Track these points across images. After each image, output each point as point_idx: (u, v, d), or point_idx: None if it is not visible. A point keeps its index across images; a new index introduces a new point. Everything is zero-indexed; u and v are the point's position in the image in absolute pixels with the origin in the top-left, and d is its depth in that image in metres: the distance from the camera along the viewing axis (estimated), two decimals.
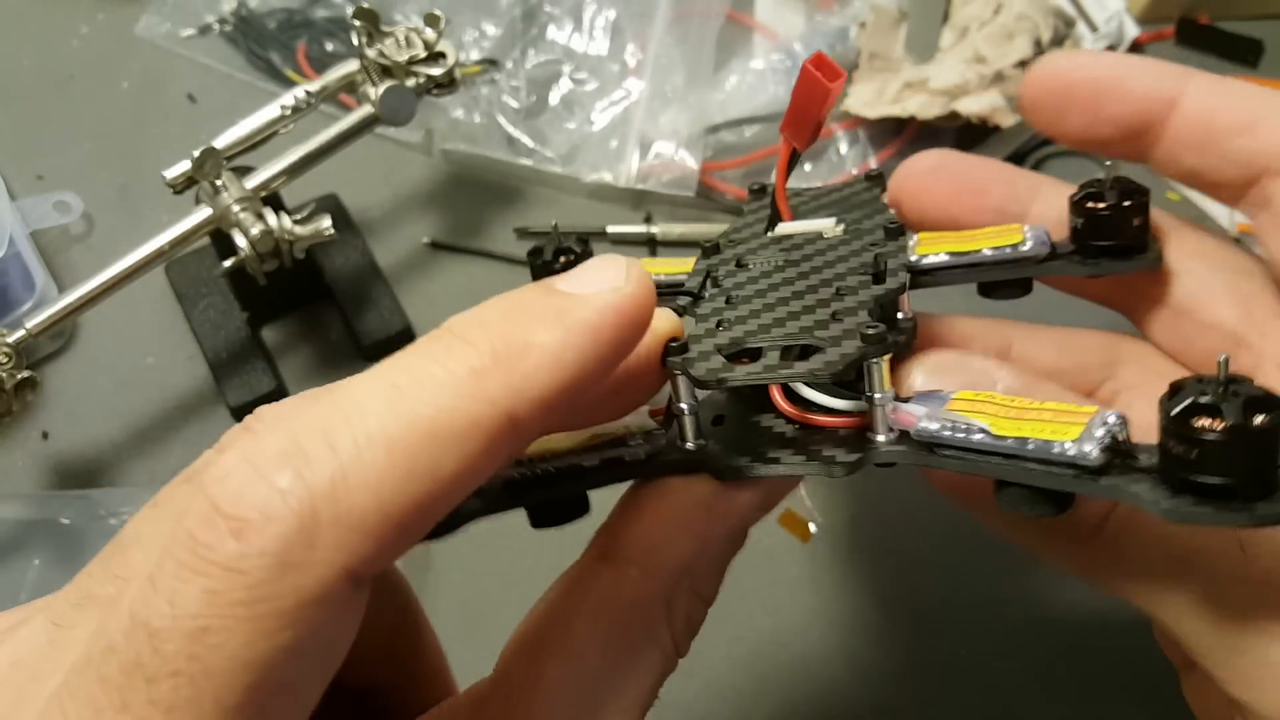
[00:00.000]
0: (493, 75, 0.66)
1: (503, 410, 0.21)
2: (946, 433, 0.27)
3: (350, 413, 0.21)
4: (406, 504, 0.20)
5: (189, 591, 0.19)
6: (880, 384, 0.28)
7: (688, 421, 0.29)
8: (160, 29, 0.70)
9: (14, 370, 0.47)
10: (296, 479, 0.20)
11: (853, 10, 0.69)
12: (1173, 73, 0.32)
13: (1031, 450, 0.26)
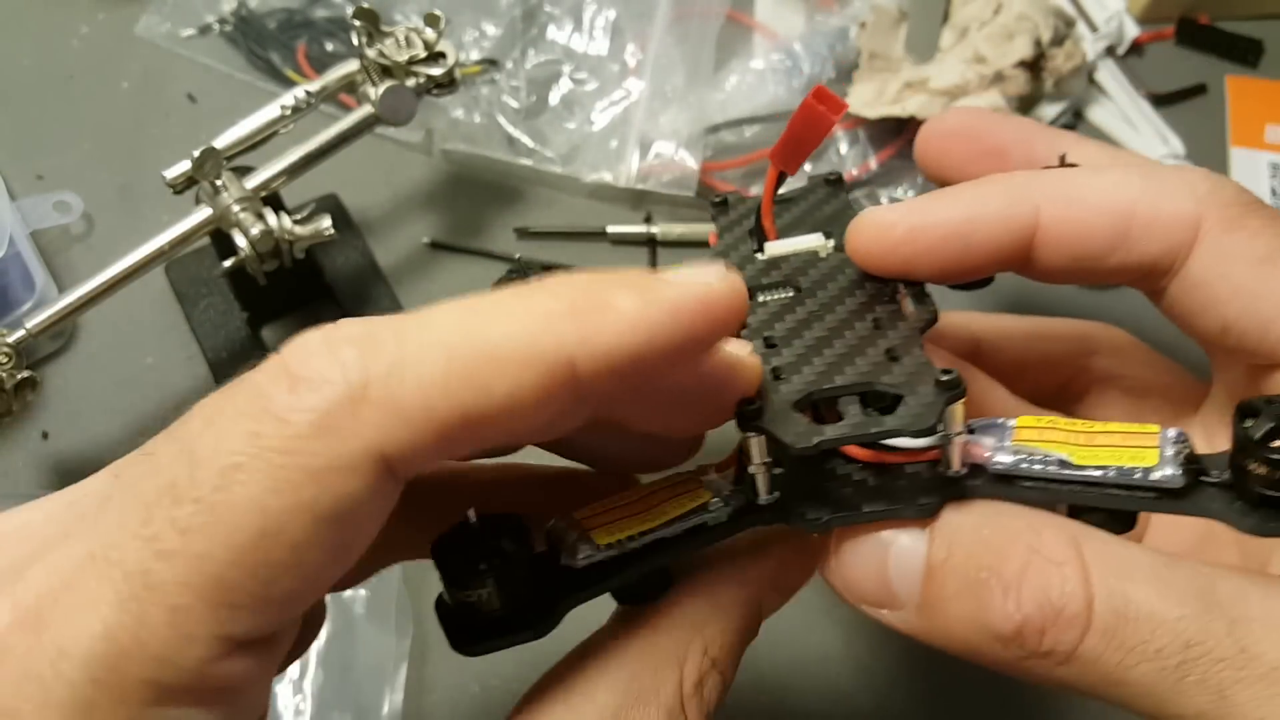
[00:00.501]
0: (493, 75, 0.66)
1: (566, 353, 0.23)
2: (1025, 465, 0.28)
3: (424, 321, 0.23)
4: (450, 409, 0.22)
5: (236, 430, 0.22)
6: (957, 424, 0.28)
7: (763, 478, 0.29)
8: (160, 29, 0.70)
9: (14, 370, 0.47)
10: (358, 357, 0.22)
11: (853, 10, 0.69)
12: (1020, 192, 0.31)
13: (1114, 477, 0.27)
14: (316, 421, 0.22)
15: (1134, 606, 0.25)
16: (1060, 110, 0.67)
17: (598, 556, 0.28)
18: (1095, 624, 0.25)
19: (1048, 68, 0.65)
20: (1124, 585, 0.26)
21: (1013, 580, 0.26)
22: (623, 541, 0.28)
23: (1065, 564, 0.26)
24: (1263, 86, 0.69)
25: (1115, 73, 0.69)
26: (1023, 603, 0.26)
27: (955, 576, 0.27)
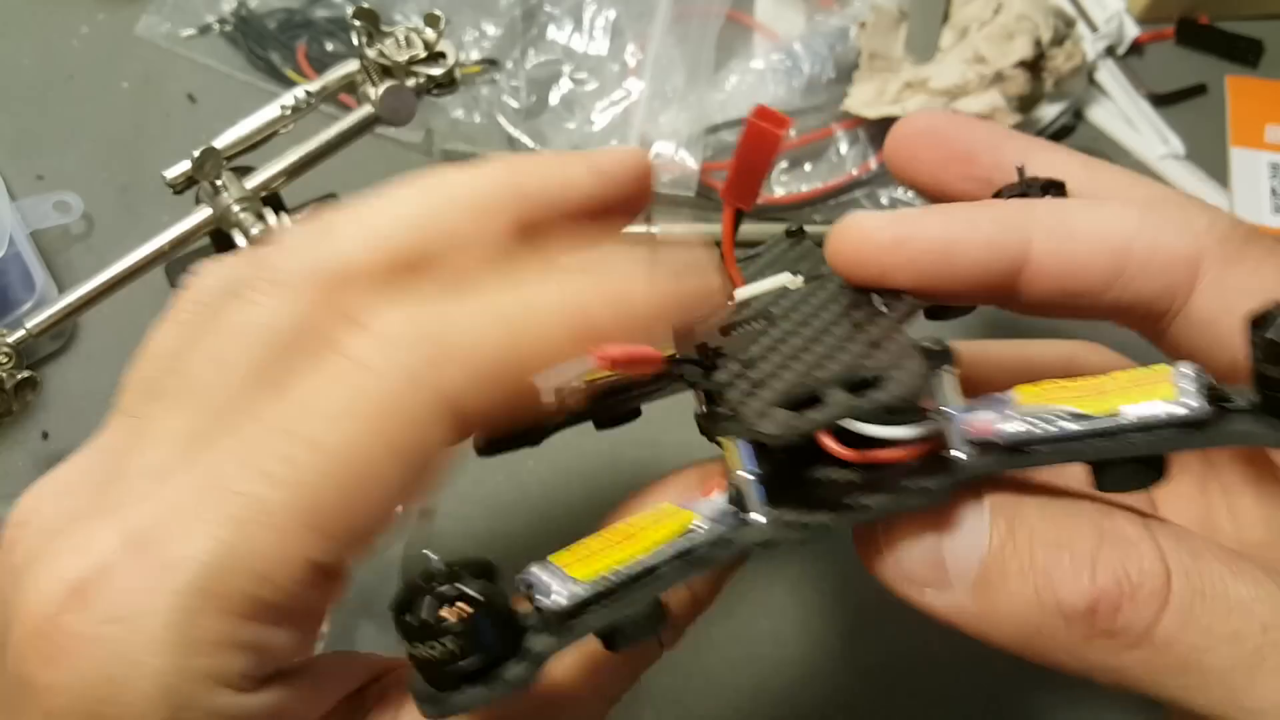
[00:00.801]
0: (493, 75, 0.66)
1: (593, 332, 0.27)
2: (1038, 429, 0.25)
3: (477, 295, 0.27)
4: (508, 370, 0.26)
5: (339, 384, 0.26)
6: (952, 397, 0.26)
7: (752, 490, 0.27)
8: (160, 29, 0.70)
9: (14, 370, 0.47)
10: (439, 325, 0.26)
11: (853, 10, 0.69)
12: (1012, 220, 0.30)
13: (1133, 421, 0.25)
14: (406, 375, 0.25)
15: (1210, 585, 0.24)
16: (1060, 110, 0.67)
17: (579, 593, 0.25)
18: (1173, 601, 0.24)
19: (1048, 68, 0.65)
20: (1199, 563, 0.25)
21: (1086, 554, 0.25)
22: (605, 576, 0.26)
23: (1140, 541, 0.25)
24: (1263, 86, 0.69)
25: (1115, 73, 0.69)
26: (1098, 575, 0.25)
27: (1020, 553, 0.26)
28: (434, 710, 0.25)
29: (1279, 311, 0.24)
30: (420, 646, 0.25)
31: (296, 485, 0.25)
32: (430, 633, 0.24)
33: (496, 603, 0.25)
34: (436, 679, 0.25)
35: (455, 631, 0.24)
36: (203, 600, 0.25)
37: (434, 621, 0.24)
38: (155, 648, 0.25)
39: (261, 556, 0.25)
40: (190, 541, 0.25)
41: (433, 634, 0.24)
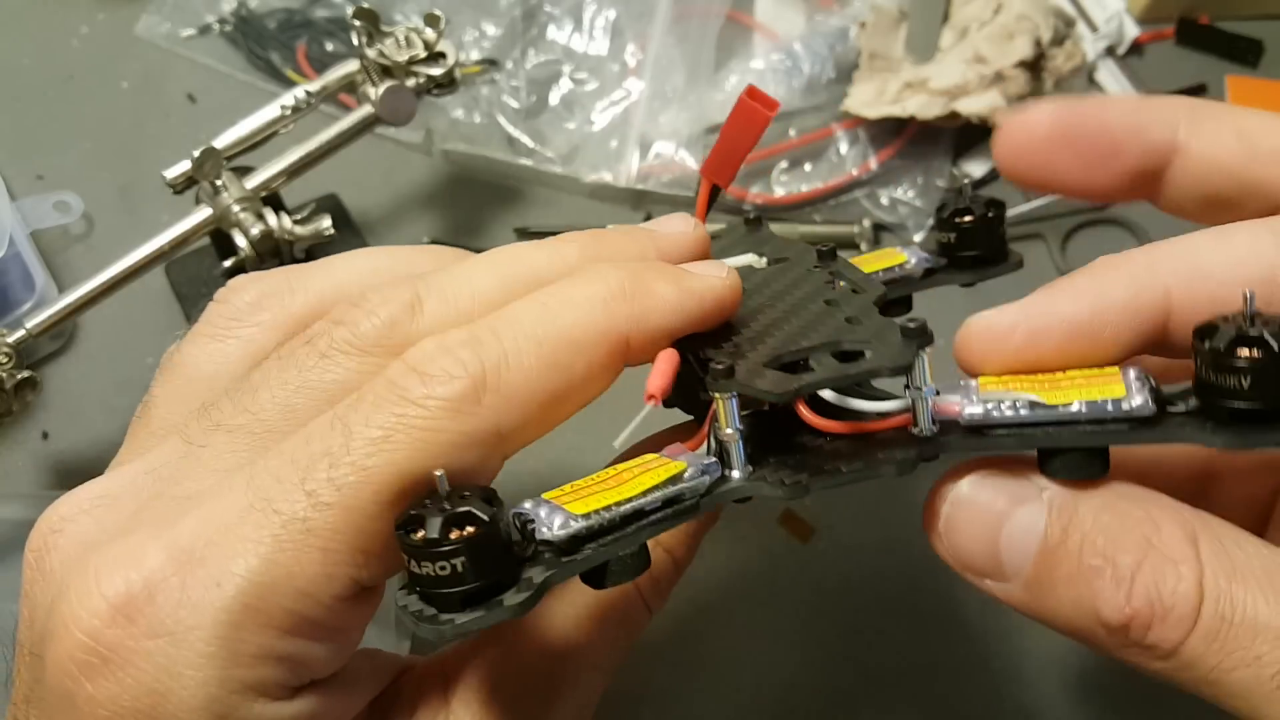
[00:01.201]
0: (493, 75, 0.66)
1: (623, 332, 0.28)
2: (996, 413, 0.27)
3: (510, 319, 0.28)
4: (547, 389, 0.27)
5: (382, 412, 0.26)
6: (927, 377, 0.28)
7: (736, 449, 0.28)
8: (160, 29, 0.70)
9: (14, 370, 0.47)
10: (473, 355, 0.27)
11: (853, 10, 0.69)
12: (1144, 277, 0.29)
13: (1085, 413, 0.27)
14: (449, 407, 0.26)
15: (1240, 611, 0.25)
16: None
17: (574, 527, 0.26)
18: (1200, 626, 0.25)
19: (1048, 68, 0.65)
20: (1233, 587, 0.26)
21: (1127, 572, 0.26)
22: (599, 512, 0.27)
23: (1181, 562, 0.26)
24: (1263, 86, 0.69)
25: (1115, 73, 0.69)
26: (1133, 596, 0.26)
27: (1069, 559, 0.27)
28: (433, 631, 0.25)
29: (1221, 323, 0.25)
30: (426, 565, 0.25)
31: (341, 508, 0.26)
32: (437, 551, 0.25)
33: (502, 527, 0.26)
34: (437, 599, 0.25)
35: (463, 551, 0.25)
36: (246, 616, 0.26)
37: (442, 539, 0.25)
38: (199, 661, 0.25)
39: (305, 575, 0.26)
40: (236, 559, 0.26)
41: (440, 553, 0.25)
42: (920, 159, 0.64)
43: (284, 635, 0.26)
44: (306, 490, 0.26)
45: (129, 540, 0.27)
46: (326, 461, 0.26)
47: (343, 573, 0.26)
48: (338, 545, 0.26)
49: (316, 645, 0.27)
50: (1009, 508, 0.28)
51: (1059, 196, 0.63)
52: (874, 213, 0.63)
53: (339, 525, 0.26)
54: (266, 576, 0.26)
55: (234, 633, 0.26)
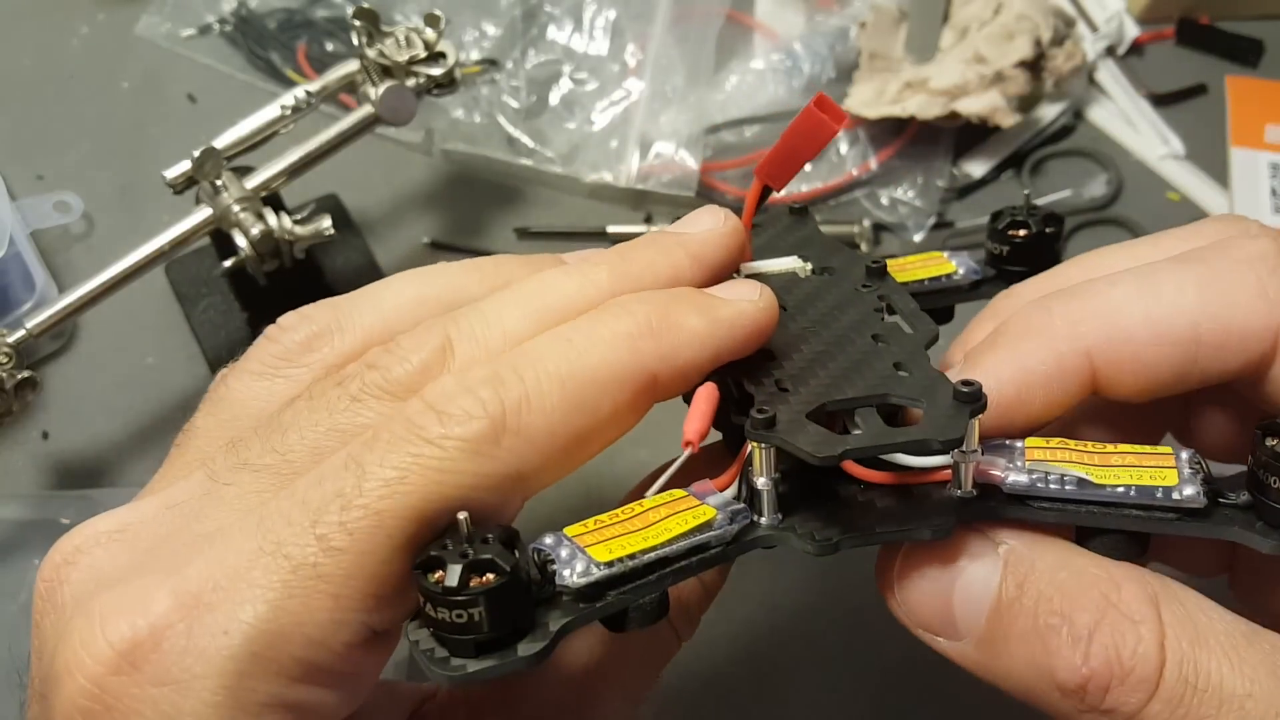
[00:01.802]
0: (493, 75, 0.66)
1: (650, 370, 0.27)
2: (1041, 485, 0.27)
3: (533, 357, 0.27)
4: (569, 431, 0.26)
5: (398, 452, 0.25)
6: (974, 441, 0.27)
7: (768, 496, 0.27)
8: (160, 29, 0.70)
9: (14, 370, 0.47)
10: (494, 394, 0.26)
11: (853, 10, 0.69)
12: (1064, 344, 0.28)
13: (1134, 498, 0.26)
14: (467, 448, 0.25)
15: (1204, 678, 0.25)
16: (1060, 110, 0.67)
17: (596, 574, 0.25)
18: (1162, 690, 0.25)
19: (1048, 68, 0.65)
20: (1197, 653, 0.25)
21: (1084, 631, 0.25)
22: (624, 560, 0.26)
23: (1142, 623, 0.25)
24: (1263, 87, 0.69)
25: (1115, 73, 0.69)
26: (1091, 656, 0.25)
27: (1024, 616, 0.26)
28: (443, 676, 0.25)
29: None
30: (442, 610, 0.24)
31: (355, 554, 0.25)
32: (455, 600, 0.24)
33: (521, 575, 0.25)
34: (451, 644, 0.25)
35: (481, 602, 0.24)
36: (254, 664, 0.25)
37: (461, 588, 0.24)
38: (205, 711, 0.25)
39: (315, 622, 0.25)
40: (244, 606, 0.25)
41: (458, 602, 0.24)
42: (920, 159, 0.64)
43: (293, 683, 0.25)
44: (317, 534, 0.25)
45: (137, 583, 0.26)
46: (339, 504, 0.25)
47: (354, 619, 0.25)
48: (349, 591, 0.25)
49: (327, 692, 0.26)
50: (963, 563, 0.28)
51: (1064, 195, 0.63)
52: (874, 213, 0.63)
53: (351, 570, 0.25)
54: (275, 624, 0.25)
55: (241, 682, 0.25)
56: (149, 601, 0.25)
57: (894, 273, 0.33)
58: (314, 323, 0.31)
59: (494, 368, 0.27)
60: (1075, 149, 0.67)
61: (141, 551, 0.27)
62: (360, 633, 0.26)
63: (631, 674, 0.32)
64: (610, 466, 0.30)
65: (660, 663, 0.32)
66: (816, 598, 0.50)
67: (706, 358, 0.28)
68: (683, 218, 0.32)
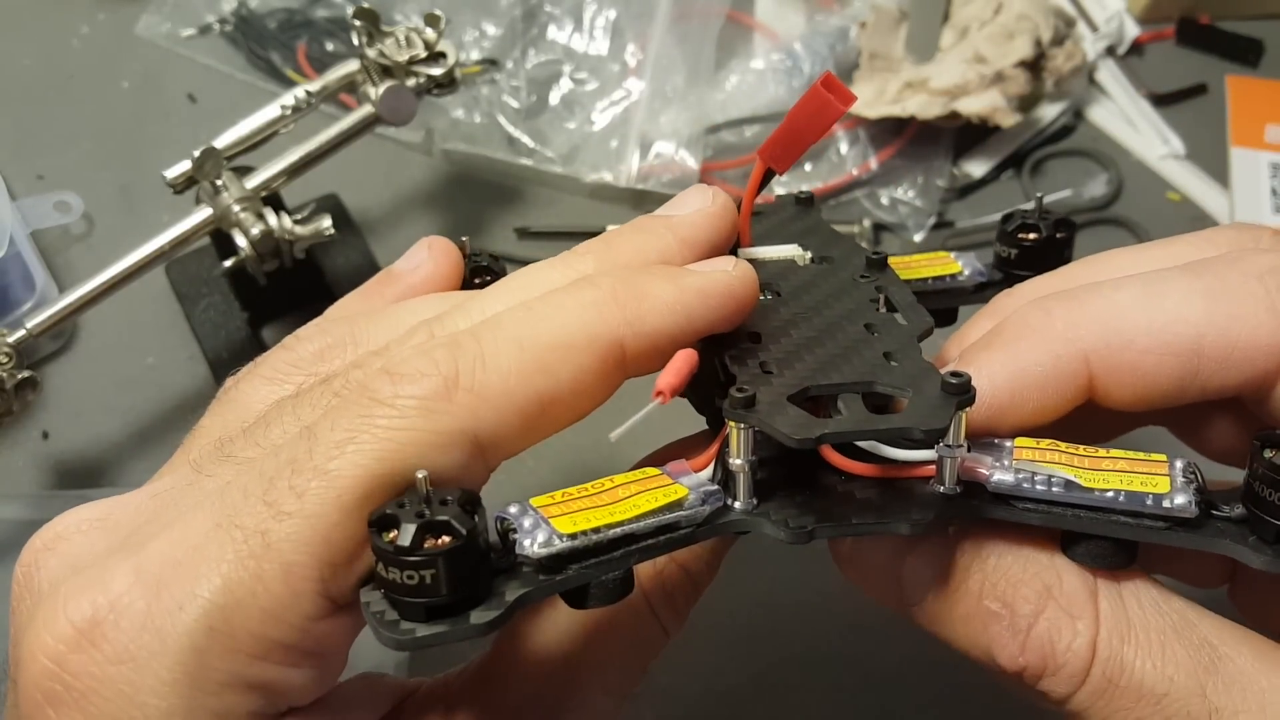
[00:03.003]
0: (493, 75, 0.66)
1: (616, 336, 0.27)
2: (1027, 485, 0.26)
3: (493, 324, 0.27)
4: (528, 391, 0.26)
5: (348, 415, 0.25)
6: (960, 436, 0.26)
7: (744, 479, 0.27)
8: (160, 29, 0.70)
9: (14, 370, 0.47)
10: (447, 355, 0.26)
11: (853, 10, 0.69)
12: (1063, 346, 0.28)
13: (1123, 503, 0.26)
14: (418, 406, 0.25)
15: (1126, 675, 0.26)
16: (1060, 110, 0.67)
17: (558, 546, 0.24)
18: (1088, 685, 0.26)
19: (1048, 68, 0.65)
20: (1124, 650, 0.26)
21: (1024, 623, 0.26)
22: (588, 533, 0.25)
23: (1079, 618, 0.26)
24: (1263, 86, 0.69)
25: (1115, 73, 0.69)
26: (1028, 648, 0.26)
27: (969, 599, 0.27)
28: (390, 639, 0.24)
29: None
30: (394, 571, 0.24)
31: (304, 517, 0.24)
32: (407, 560, 0.23)
33: (479, 540, 0.24)
34: (402, 606, 0.24)
35: (435, 564, 0.23)
36: (210, 640, 0.24)
37: (414, 548, 0.23)
38: (162, 689, 0.24)
39: (269, 594, 0.24)
40: (199, 580, 0.24)
41: (410, 562, 0.23)
42: (920, 159, 0.64)
43: (253, 660, 0.25)
44: (267, 501, 0.25)
45: (103, 564, 0.26)
46: (290, 469, 0.25)
47: (309, 589, 0.25)
48: (301, 558, 0.24)
49: (291, 671, 0.25)
50: (913, 542, 0.28)
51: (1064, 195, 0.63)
52: (874, 213, 0.63)
53: (300, 536, 0.24)
54: (229, 597, 0.24)
55: (198, 659, 0.24)
56: (110, 580, 0.25)
57: (898, 270, 0.32)
58: (329, 335, 0.31)
59: (453, 335, 0.26)
60: (1075, 149, 0.67)
61: (120, 538, 0.27)
62: (318, 605, 0.25)
63: (614, 668, 0.31)
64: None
65: (646, 658, 0.32)
66: (816, 599, 0.50)
67: (676, 325, 0.27)
68: (673, 198, 0.32)
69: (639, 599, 0.30)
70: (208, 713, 0.25)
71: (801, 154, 0.30)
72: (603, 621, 0.30)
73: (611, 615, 0.30)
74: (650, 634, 0.31)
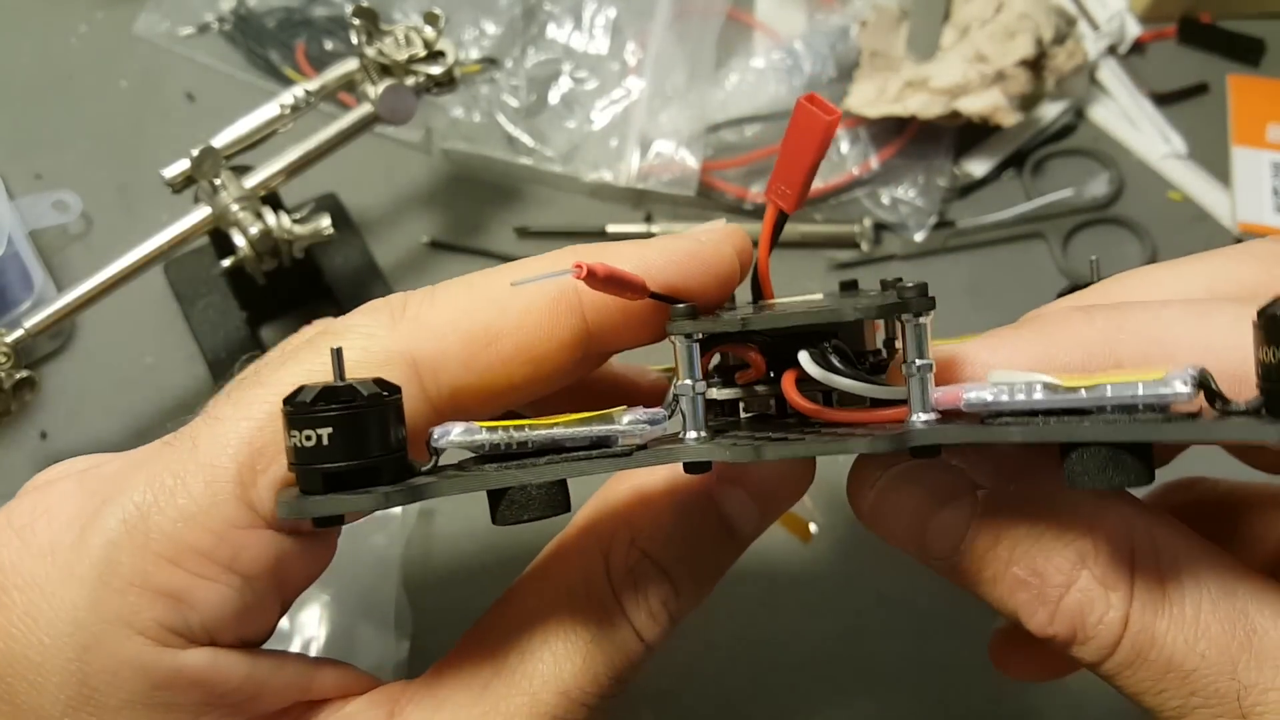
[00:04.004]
0: (492, 74, 0.66)
1: (567, 282, 0.26)
2: (1004, 398, 0.23)
3: (450, 280, 0.28)
4: (472, 324, 0.27)
5: (301, 346, 0.27)
6: (922, 349, 0.24)
7: (688, 406, 0.25)
8: (159, 28, 0.70)
9: (12, 370, 0.47)
10: (400, 297, 0.28)
11: (854, 9, 0.69)
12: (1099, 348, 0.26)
13: (1111, 397, 0.22)
14: (361, 331, 0.27)
15: (1157, 649, 0.25)
16: (1062, 109, 0.67)
17: (476, 438, 0.24)
18: (1116, 655, 0.26)
19: (1049, 66, 0.65)
20: (1156, 624, 0.25)
21: (1054, 594, 0.26)
22: (509, 429, 0.24)
23: (1113, 589, 0.26)
24: (1265, 85, 0.69)
25: (1117, 71, 0.69)
26: (1056, 621, 0.26)
27: (997, 564, 0.27)
28: (288, 509, 0.24)
29: None
30: (295, 433, 0.23)
31: (233, 420, 0.25)
32: (306, 417, 0.23)
33: (385, 413, 0.24)
34: (303, 479, 0.24)
35: (332, 422, 0.23)
36: (123, 534, 0.25)
37: (314, 404, 0.23)
38: (70, 582, 0.25)
39: (189, 493, 0.25)
40: (132, 484, 0.25)
41: (308, 419, 0.23)
42: (921, 158, 0.64)
43: (163, 562, 0.25)
44: (208, 414, 0.26)
45: (55, 480, 0.27)
46: (236, 386, 0.26)
47: (228, 492, 0.25)
48: (224, 462, 0.25)
49: (204, 583, 0.25)
50: (936, 505, 0.27)
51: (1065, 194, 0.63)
52: (875, 212, 0.63)
53: (225, 438, 0.25)
54: (147, 497, 0.25)
55: (110, 554, 0.25)
56: (53, 488, 0.27)
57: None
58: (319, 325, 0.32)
59: (414, 291, 0.28)
60: (1077, 148, 0.67)
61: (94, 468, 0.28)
62: (237, 510, 0.25)
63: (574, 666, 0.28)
64: None
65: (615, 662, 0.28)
66: (817, 600, 0.50)
67: (635, 280, 0.26)
68: None
69: (605, 589, 0.28)
70: (112, 612, 0.25)
71: (807, 183, 0.28)
72: (562, 606, 0.28)
73: (571, 601, 0.28)
74: (620, 635, 0.28)
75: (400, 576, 0.49)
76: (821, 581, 0.51)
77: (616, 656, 0.28)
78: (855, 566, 0.51)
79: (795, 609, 0.50)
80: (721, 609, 0.32)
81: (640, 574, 0.28)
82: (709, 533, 0.29)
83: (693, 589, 0.29)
